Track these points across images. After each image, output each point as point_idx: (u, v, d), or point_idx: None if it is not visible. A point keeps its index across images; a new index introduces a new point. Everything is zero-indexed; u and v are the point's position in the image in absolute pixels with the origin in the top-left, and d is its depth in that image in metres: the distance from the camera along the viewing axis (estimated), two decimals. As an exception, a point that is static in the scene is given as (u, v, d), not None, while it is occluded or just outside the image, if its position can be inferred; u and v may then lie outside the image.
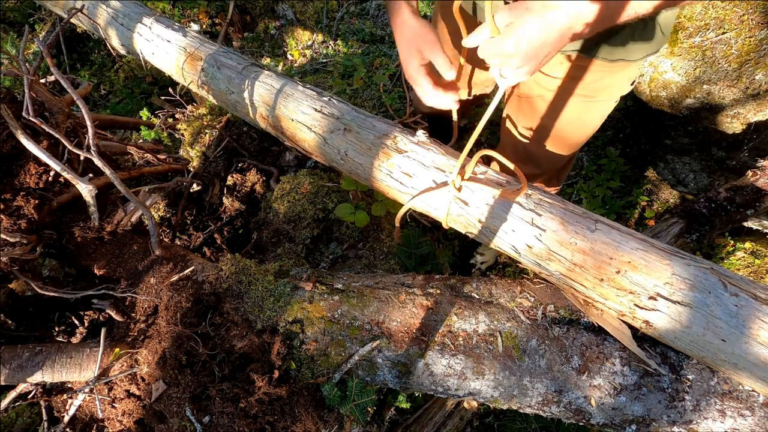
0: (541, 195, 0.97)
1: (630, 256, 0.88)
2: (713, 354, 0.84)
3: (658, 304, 0.85)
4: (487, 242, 1.02)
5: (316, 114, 1.17)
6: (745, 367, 0.83)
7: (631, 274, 0.87)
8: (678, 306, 0.84)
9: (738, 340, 0.81)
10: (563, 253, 0.91)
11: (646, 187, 2.02)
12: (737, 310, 0.81)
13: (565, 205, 0.96)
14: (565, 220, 0.93)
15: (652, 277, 0.86)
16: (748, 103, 1.49)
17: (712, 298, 0.83)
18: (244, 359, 1.07)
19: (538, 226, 0.93)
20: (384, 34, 2.69)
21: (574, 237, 0.91)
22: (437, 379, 1.04)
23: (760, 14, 1.39)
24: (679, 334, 0.86)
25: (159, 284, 1.16)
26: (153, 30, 1.57)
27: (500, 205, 0.96)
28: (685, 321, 0.84)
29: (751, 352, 0.80)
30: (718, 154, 1.70)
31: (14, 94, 1.30)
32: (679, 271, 0.85)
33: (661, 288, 0.85)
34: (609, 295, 0.90)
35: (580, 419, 1.01)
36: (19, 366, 1.07)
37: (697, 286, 0.84)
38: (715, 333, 0.82)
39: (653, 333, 0.90)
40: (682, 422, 0.94)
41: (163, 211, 1.87)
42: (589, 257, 0.89)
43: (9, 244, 1.11)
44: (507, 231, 0.96)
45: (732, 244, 1.81)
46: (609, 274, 0.88)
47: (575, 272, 0.91)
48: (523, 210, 0.95)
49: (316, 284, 1.13)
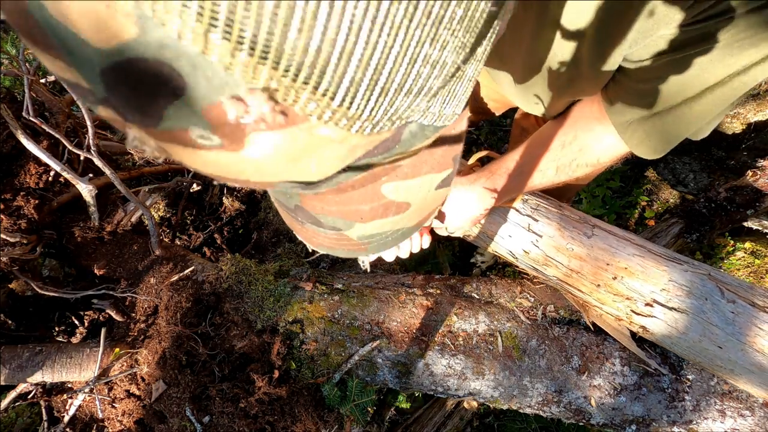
0: (539, 200, 0.97)
1: (627, 262, 0.88)
2: (710, 360, 0.84)
3: (655, 311, 0.85)
4: (485, 247, 1.02)
5: None
6: (741, 374, 0.82)
7: (627, 280, 0.87)
8: (674, 312, 0.84)
9: (734, 348, 0.80)
10: (560, 259, 0.91)
11: (646, 187, 2.01)
12: (734, 317, 0.81)
13: (562, 210, 0.96)
14: (562, 225, 0.93)
15: (649, 283, 0.86)
16: (748, 103, 1.49)
17: (708, 305, 0.82)
18: (244, 359, 1.07)
19: (535, 231, 0.93)
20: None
21: (570, 243, 0.91)
22: (437, 379, 1.04)
23: (760, 14, 1.39)
24: (675, 341, 0.86)
25: (159, 284, 1.16)
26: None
27: (497, 210, 0.96)
28: (682, 327, 0.84)
29: (748, 360, 0.80)
30: (718, 154, 1.70)
31: (14, 94, 1.30)
32: (676, 277, 0.85)
33: (658, 294, 0.85)
34: (606, 300, 0.90)
35: (580, 419, 1.01)
36: (19, 366, 1.07)
37: (693, 293, 0.83)
38: (711, 340, 0.82)
39: (650, 338, 0.91)
40: (682, 422, 0.94)
41: (163, 211, 1.87)
42: (586, 263, 0.90)
43: (9, 244, 1.11)
44: (504, 236, 0.96)
45: (732, 244, 1.81)
46: (606, 280, 0.88)
47: (572, 278, 0.92)
48: (519, 215, 0.95)
49: (316, 284, 1.13)
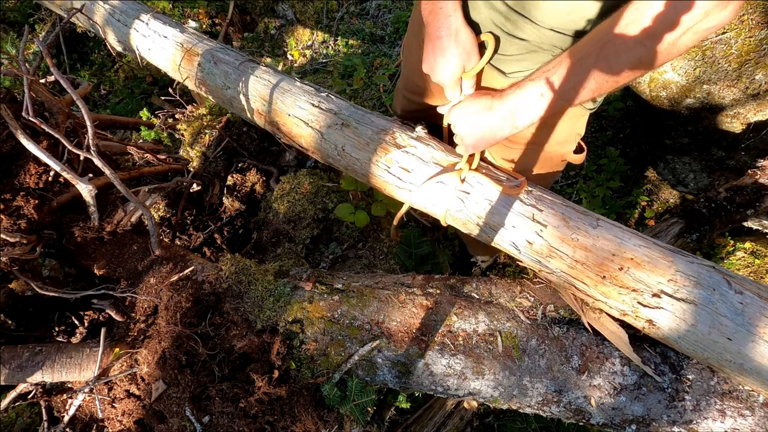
0: (542, 192, 0.97)
1: (633, 252, 0.87)
2: (718, 354, 0.83)
3: (663, 302, 0.84)
4: (487, 240, 1.01)
5: (314, 109, 1.17)
6: (751, 368, 0.81)
7: (634, 271, 0.86)
8: (683, 303, 0.83)
9: (744, 339, 0.79)
10: (564, 250, 0.90)
11: (646, 187, 2.01)
12: (742, 308, 0.80)
13: (566, 202, 0.96)
14: (567, 216, 0.92)
15: (656, 274, 0.84)
16: (748, 103, 1.49)
17: (717, 296, 0.81)
18: (244, 359, 1.07)
19: (539, 221, 0.92)
20: (384, 34, 2.69)
21: (575, 233, 0.90)
22: (437, 379, 1.04)
23: (760, 14, 1.39)
24: (683, 333, 0.84)
25: (159, 284, 1.16)
26: (150, 26, 1.57)
27: (500, 201, 0.95)
28: (690, 319, 0.82)
29: (758, 351, 0.79)
30: (718, 154, 1.70)
31: (14, 94, 1.30)
32: (683, 268, 0.84)
33: (665, 285, 0.84)
34: (611, 293, 0.89)
35: (580, 419, 1.01)
36: (19, 366, 1.07)
37: (701, 284, 0.82)
38: (720, 331, 0.81)
39: (656, 333, 0.89)
40: (682, 422, 0.94)
41: (163, 211, 1.87)
42: (591, 254, 0.88)
43: (9, 244, 1.11)
44: (507, 227, 0.95)
45: (732, 244, 1.81)
46: (611, 272, 0.87)
47: (577, 269, 0.91)
48: (523, 206, 0.94)
49: (315, 284, 1.13)
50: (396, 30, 2.65)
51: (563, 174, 2.10)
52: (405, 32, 2.57)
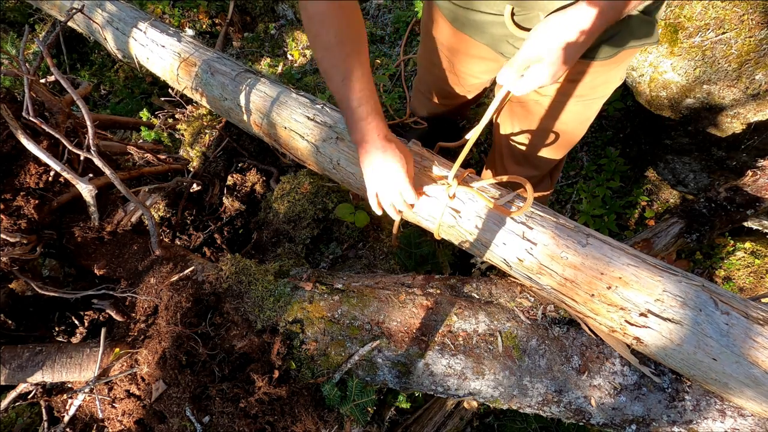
0: (533, 208, 0.97)
1: (621, 271, 0.87)
2: (704, 373, 0.83)
3: (649, 321, 0.85)
4: (480, 255, 1.02)
5: (309, 122, 1.17)
6: (735, 387, 0.81)
7: (622, 290, 0.86)
8: (669, 323, 0.83)
9: (729, 360, 0.80)
10: (554, 268, 0.91)
11: (646, 187, 2.01)
12: (728, 328, 0.80)
13: (557, 218, 0.96)
14: (557, 233, 0.92)
15: (643, 293, 0.85)
16: (748, 103, 1.49)
17: (703, 316, 0.82)
18: (244, 359, 1.07)
19: (530, 239, 0.93)
20: (384, 34, 2.69)
21: (565, 251, 0.90)
22: (437, 379, 1.04)
23: (760, 14, 1.39)
24: (669, 352, 0.85)
25: (159, 284, 1.16)
26: (148, 35, 1.57)
27: (492, 218, 0.96)
28: (677, 338, 0.83)
29: (742, 372, 0.79)
30: (718, 154, 1.70)
31: (14, 94, 1.30)
32: (670, 288, 0.84)
33: (652, 305, 0.84)
34: (600, 310, 0.90)
35: (580, 419, 1.01)
36: (19, 366, 1.07)
37: (688, 304, 0.83)
38: (706, 352, 0.81)
39: (644, 350, 0.90)
40: (682, 422, 0.94)
41: (163, 211, 1.87)
42: (581, 272, 0.89)
43: (9, 244, 1.11)
44: (498, 244, 0.96)
45: (732, 244, 1.81)
46: (600, 290, 0.88)
47: (566, 287, 0.91)
48: (514, 223, 0.95)
49: (316, 284, 1.13)
50: (396, 30, 2.65)
51: (563, 174, 2.10)
52: (404, 32, 2.56)
